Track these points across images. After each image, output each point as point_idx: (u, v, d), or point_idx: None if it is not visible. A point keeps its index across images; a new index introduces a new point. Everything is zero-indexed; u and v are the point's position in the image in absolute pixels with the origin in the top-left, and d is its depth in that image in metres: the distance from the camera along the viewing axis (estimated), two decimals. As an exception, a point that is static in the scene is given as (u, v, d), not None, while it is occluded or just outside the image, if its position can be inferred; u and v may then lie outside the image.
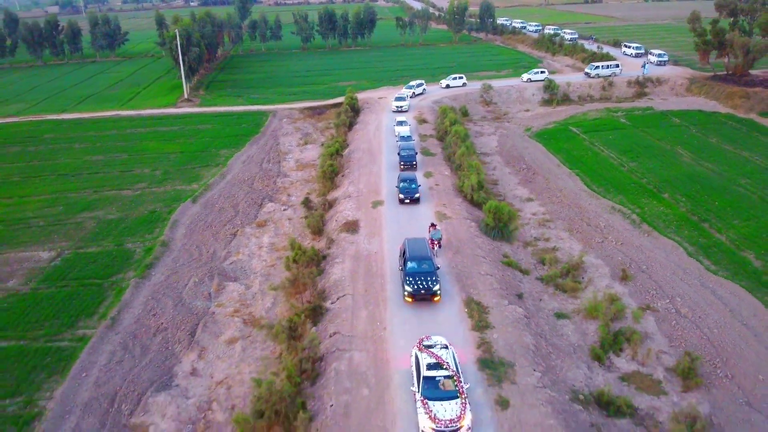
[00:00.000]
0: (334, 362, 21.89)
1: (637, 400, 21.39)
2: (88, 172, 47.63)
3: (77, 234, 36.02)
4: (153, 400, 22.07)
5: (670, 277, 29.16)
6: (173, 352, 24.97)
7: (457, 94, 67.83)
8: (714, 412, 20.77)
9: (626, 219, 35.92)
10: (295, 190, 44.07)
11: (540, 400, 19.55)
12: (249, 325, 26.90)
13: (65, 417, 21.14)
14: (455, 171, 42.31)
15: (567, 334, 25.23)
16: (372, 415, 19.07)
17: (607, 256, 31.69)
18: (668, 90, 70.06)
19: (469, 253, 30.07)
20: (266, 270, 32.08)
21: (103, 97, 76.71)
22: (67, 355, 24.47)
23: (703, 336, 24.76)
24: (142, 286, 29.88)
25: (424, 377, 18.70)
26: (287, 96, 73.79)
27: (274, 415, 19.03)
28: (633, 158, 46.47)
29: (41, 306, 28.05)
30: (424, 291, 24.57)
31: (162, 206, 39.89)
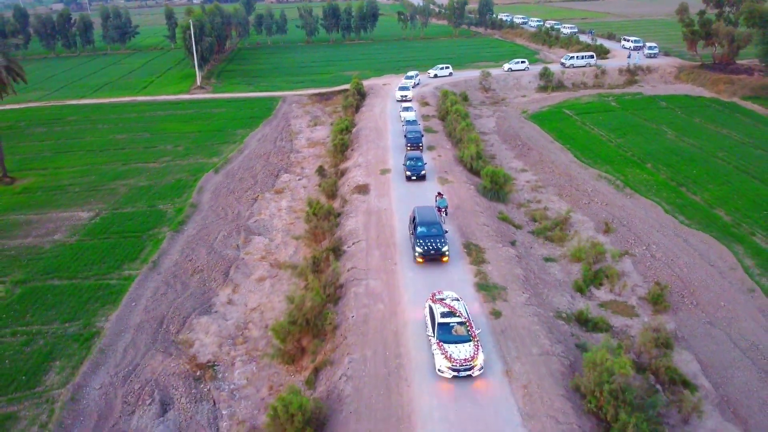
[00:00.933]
0: (353, 287, 25.44)
1: (612, 320, 24.93)
2: (114, 148, 51.15)
3: (112, 198, 39.52)
4: (197, 321, 25.61)
5: (648, 230, 32.72)
6: (210, 288, 28.50)
7: (456, 81, 71.34)
8: (679, 328, 24.32)
9: (611, 185, 39.47)
10: (307, 164, 47.58)
11: (528, 313, 23.10)
12: (275, 267, 30.45)
13: (121, 335, 24.63)
14: (456, 145, 45.85)
15: (554, 273, 28.79)
16: (387, 323, 22.60)
17: (592, 214, 35.26)
18: (658, 78, 73.58)
19: (469, 209, 33.60)
20: (286, 227, 35.62)
21: (118, 85, 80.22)
22: (116, 290, 27.95)
23: (673, 274, 28.31)
24: (177, 238, 33.40)
25: (439, 323, 20.04)
26: (295, 84, 77.28)
27: (305, 323, 22.55)
28: (620, 135, 50.02)
29: (87, 253, 31.55)
30: (433, 252, 26.26)
31: (187, 175, 43.40)
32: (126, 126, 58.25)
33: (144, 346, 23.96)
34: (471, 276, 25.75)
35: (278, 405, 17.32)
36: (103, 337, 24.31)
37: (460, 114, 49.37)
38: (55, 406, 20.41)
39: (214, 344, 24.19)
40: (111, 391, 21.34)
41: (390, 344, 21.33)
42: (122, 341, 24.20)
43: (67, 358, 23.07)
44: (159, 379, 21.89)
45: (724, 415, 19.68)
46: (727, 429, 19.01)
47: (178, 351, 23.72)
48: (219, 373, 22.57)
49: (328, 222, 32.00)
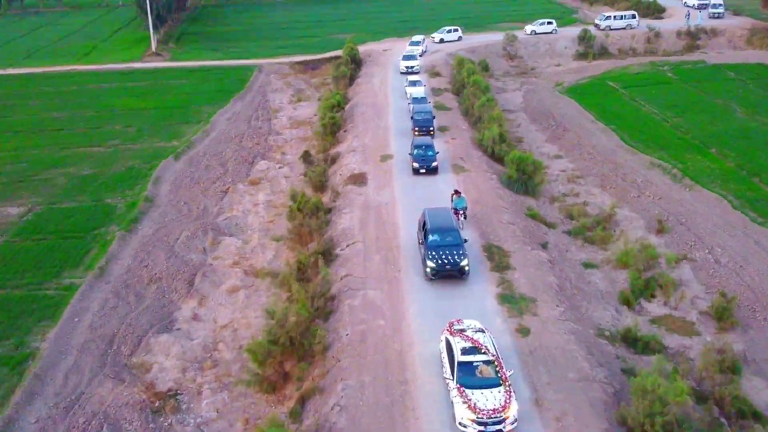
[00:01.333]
0: (348, 300, 25.80)
1: (667, 340, 25.27)
2: (50, 128, 51.62)
3: (47, 190, 39.91)
4: (155, 340, 25.96)
5: (711, 229, 33.07)
6: (171, 300, 28.86)
7: (474, 47, 71.81)
8: (749, 349, 24.66)
9: (666, 174, 39.84)
10: (290, 148, 47.99)
11: (562, 330, 23.46)
12: (251, 276, 30.82)
13: (61, 358, 24.94)
14: (474, 125, 46.25)
15: (594, 282, 29.16)
16: (389, 341, 22.95)
17: (642, 210, 35.64)
18: (725, 42, 74.07)
19: (490, 203, 33.99)
20: (264, 226, 36.02)
21: (53, 51, 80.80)
22: (55, 302, 28.29)
23: (742, 283, 28.64)
24: (129, 239, 33.78)
25: (459, 363, 19.34)
26: (274, 50, 77.78)
27: (289, 342, 22.90)
28: (678, 113, 50.43)
29: (19, 258, 31.91)
30: (449, 266, 25.63)
31: (141, 163, 43.81)
32: (64, 102, 58.78)
33: (90, 371, 24.30)
34: (492, 286, 26.09)
35: (257, 439, 17.68)
36: (39, 360, 24.64)
37: (479, 87, 49.81)
38: (-18, 442, 20.78)
39: (176, 369, 24.52)
40: (50, 427, 21.67)
41: (393, 368, 21.68)
42: (63, 365, 24.53)
43: (-5, 385, 23.41)
44: (109, 412, 22.22)
45: (804, 454, 20.03)
46: (807, 472, 19.37)
47: (132, 377, 24.05)
48: (183, 403, 22.90)
49: (317, 219, 32.38)
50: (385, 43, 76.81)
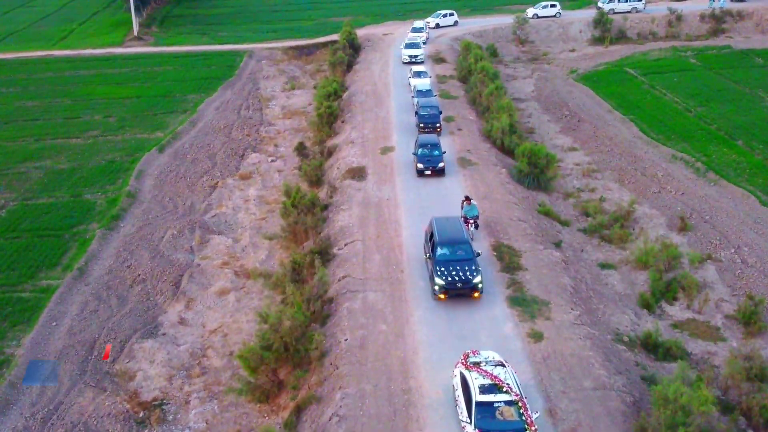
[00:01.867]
0: (346, 302, 25.88)
1: (690, 345, 25.39)
2: (23, 119, 51.68)
3: (21, 185, 39.99)
4: (139, 346, 26.06)
5: (738, 227, 33.18)
6: (156, 303, 28.95)
7: (483, 30, 71.87)
8: (776, 353, 24.79)
9: (689, 168, 39.95)
10: (283, 140, 48.08)
11: (578, 335, 23.55)
12: (242, 277, 30.92)
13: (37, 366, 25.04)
14: (482, 115, 46.32)
15: (612, 284, 29.29)
16: (391, 347, 23.04)
17: (663, 206, 35.74)
18: (752, 26, 74.08)
19: (499, 198, 34.09)
20: (256, 223, 36.11)
21: (27, 36, 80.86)
22: (31, 305, 28.41)
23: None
24: (111, 237, 33.88)
25: (478, 403, 18.33)
26: (265, 34, 77.93)
27: (283, 348, 22.98)
28: (702, 103, 50.49)
29: (-8, 257, 32.02)
30: (461, 284, 24.86)
31: (122, 155, 43.89)
32: (39, 90, 58.85)
33: (69, 379, 24.41)
34: (502, 287, 26.17)
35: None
36: (14, 367, 24.76)
37: (487, 74, 49.86)
38: (-47, 457, 20.88)
39: (161, 377, 24.62)
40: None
41: (395, 375, 21.77)
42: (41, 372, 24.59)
43: (-33, 394, 23.51)
44: (89, 422, 22.32)
45: (837, 468, 20.14)
46: (841, 486, 19.48)
47: (114, 385, 24.16)
48: (169, 414, 22.99)
49: (312, 216, 32.45)
50: (386, 26, 76.88)
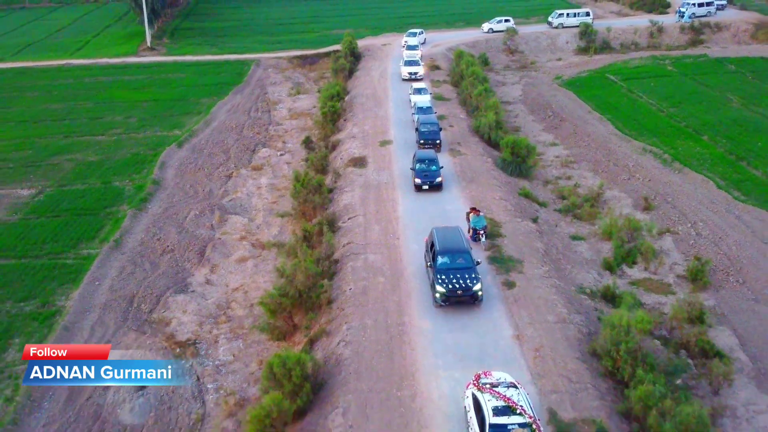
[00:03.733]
0: (350, 262, 30.30)
1: (644, 298, 29.75)
2: (51, 119, 56.25)
3: (56, 174, 44.45)
4: (172, 299, 30.43)
5: (695, 206, 37.69)
6: (184, 268, 33.34)
7: (476, 41, 76.83)
8: (719, 305, 29.16)
9: (657, 159, 44.53)
10: (290, 137, 52.66)
11: (545, 285, 27.96)
12: (258, 248, 35.34)
13: (86, 314, 29.38)
14: (471, 114, 50.97)
15: (580, 251, 33.71)
16: (388, 294, 27.44)
17: (631, 191, 40.27)
18: (730, 37, 79.16)
19: (484, 182, 38.59)
20: (268, 206, 40.57)
21: (45, 46, 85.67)
22: (75, 269, 32.75)
23: (720, 252, 33.18)
24: (140, 216, 38.30)
25: (491, 425, 18.27)
26: (270, 45, 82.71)
27: (298, 296, 27.36)
28: (674, 104, 55.23)
29: (35, 232, 36.38)
30: (461, 291, 25.77)
31: (145, 150, 48.42)
32: (62, 94, 63.42)
33: (114, 324, 28.74)
34: (483, 251, 30.57)
35: (274, 361, 22.09)
36: (65, 314, 29.08)
37: (477, 78, 54.59)
38: (20, 381, 25.06)
39: (193, 323, 28.98)
40: (82, 366, 26.04)
41: (392, 313, 26.16)
42: (88, 320, 28.98)
43: (28, 335, 27.79)
44: (135, 356, 26.61)
45: (760, 387, 24.41)
46: (762, 400, 23.74)
47: (153, 329, 28.50)
48: (201, 350, 27.34)
49: (320, 195, 36.93)
50: (384, 38, 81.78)
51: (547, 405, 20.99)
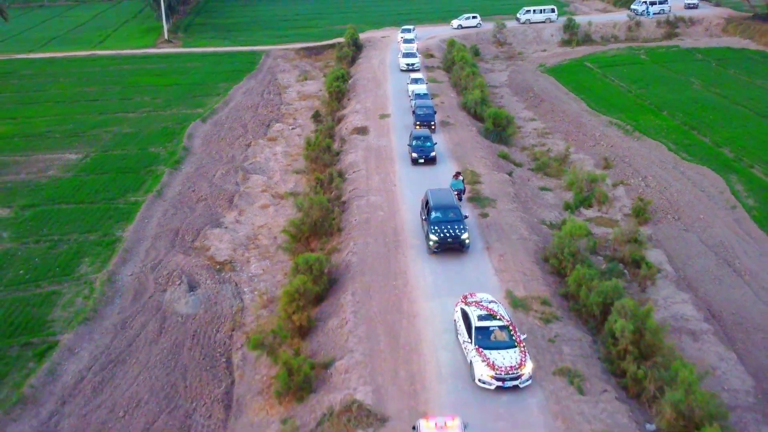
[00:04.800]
0: (355, 201, 37.17)
1: (594, 230, 36.56)
2: (85, 100, 63.13)
3: (97, 143, 51.28)
4: (210, 232, 37.25)
5: (647, 165, 44.54)
6: (217, 212, 40.15)
7: (467, 34, 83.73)
8: (655, 233, 36.01)
9: (620, 130, 51.39)
10: (300, 115, 59.51)
11: (512, 216, 34.82)
12: (277, 198, 42.18)
13: (141, 242, 36.19)
14: (460, 93, 57.86)
15: (547, 198, 40.57)
16: (386, 223, 34.27)
17: (595, 154, 47.13)
18: (702, 31, 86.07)
19: (468, 146, 45.46)
20: (284, 167, 47.41)
21: (69, 39, 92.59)
22: (126, 211, 39.56)
23: (663, 198, 40.04)
24: (176, 174, 45.13)
25: (477, 327, 22.76)
26: (278, 38, 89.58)
27: (313, 225, 34.16)
28: (642, 86, 62.14)
29: (88, 185, 43.20)
30: (451, 239, 30.02)
31: (173, 124, 55.27)
32: (92, 79, 70.30)
33: (164, 249, 35.55)
34: (466, 194, 37.38)
35: (299, 260, 28.90)
36: (124, 242, 35.90)
37: (466, 62, 61.48)
38: (95, 285, 31.89)
39: (228, 249, 35.79)
40: (143, 276, 32.92)
41: (389, 235, 33.00)
42: (143, 246, 35.80)
43: (95, 256, 34.61)
44: (184, 269, 33.45)
45: (678, 287, 31.23)
46: (678, 295, 30.55)
47: (196, 253, 35.32)
48: (237, 267, 34.15)
49: (329, 154, 43.78)
50: (383, 31, 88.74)
51: (505, 288, 27.86)
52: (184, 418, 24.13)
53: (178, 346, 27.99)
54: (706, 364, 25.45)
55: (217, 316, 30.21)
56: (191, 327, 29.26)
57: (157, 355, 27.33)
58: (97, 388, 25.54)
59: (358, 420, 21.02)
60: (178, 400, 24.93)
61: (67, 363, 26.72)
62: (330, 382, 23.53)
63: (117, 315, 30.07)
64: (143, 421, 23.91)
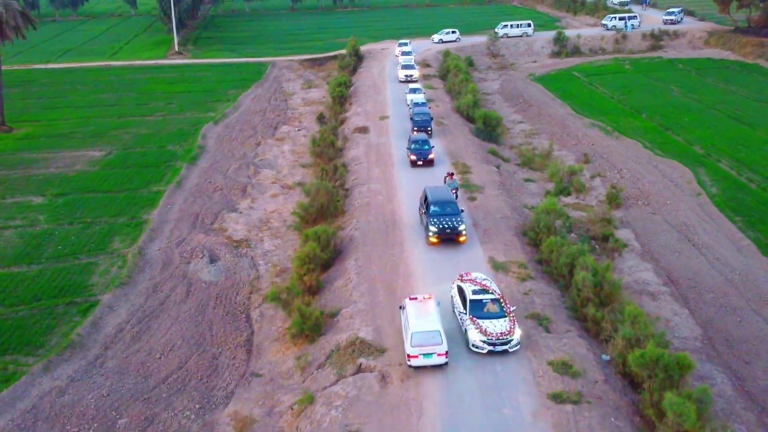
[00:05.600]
0: (357, 188, 41.57)
1: (572, 213, 40.86)
2: (103, 105, 67.71)
3: (118, 142, 55.74)
4: (227, 215, 41.57)
5: (623, 160, 48.98)
6: (232, 200, 44.49)
7: (462, 47, 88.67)
8: (625, 216, 40.34)
9: (601, 130, 55.92)
10: (305, 119, 64.09)
11: (498, 200, 39.19)
12: (286, 188, 46.56)
13: (165, 224, 40.48)
14: (454, 98, 62.47)
15: (530, 188, 44.96)
16: (385, 205, 38.64)
17: (576, 151, 51.61)
18: (686, 43, 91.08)
19: (461, 144, 49.92)
20: (291, 163, 51.84)
21: (84, 51, 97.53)
22: (150, 198, 43.88)
23: (635, 188, 44.41)
24: (193, 168, 49.53)
25: (471, 300, 25.45)
26: (282, 51, 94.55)
27: (320, 208, 38.48)
28: (625, 93, 66.82)
29: (113, 178, 47.57)
30: (449, 230, 32.54)
31: (187, 126, 59.79)
32: (108, 87, 74.99)
33: (187, 229, 39.83)
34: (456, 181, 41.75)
35: (309, 232, 33.21)
36: (150, 223, 40.18)
37: (459, 69, 66.16)
38: (127, 258, 36.14)
39: (243, 230, 40.09)
40: (169, 251, 37.17)
41: (387, 215, 37.34)
42: (168, 227, 40.09)
43: (125, 235, 38.88)
44: (205, 245, 37.70)
45: (643, 259, 35.50)
46: (642, 265, 34.82)
47: (215, 233, 39.60)
48: (252, 244, 38.43)
49: (333, 149, 48.22)
50: (383, 44, 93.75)
51: (488, 255, 32.16)
52: (212, 359, 28.30)
53: (204, 305, 32.21)
54: (662, 318, 29.73)
55: (236, 282, 34.45)
56: (214, 291, 33.51)
57: (186, 312, 31.55)
58: (136, 336, 29.73)
59: (360, 351, 25.22)
60: (206, 346, 29.11)
61: (108, 317, 30.91)
62: (337, 327, 27.76)
63: (148, 281, 34.30)
64: (177, 361, 28.06)
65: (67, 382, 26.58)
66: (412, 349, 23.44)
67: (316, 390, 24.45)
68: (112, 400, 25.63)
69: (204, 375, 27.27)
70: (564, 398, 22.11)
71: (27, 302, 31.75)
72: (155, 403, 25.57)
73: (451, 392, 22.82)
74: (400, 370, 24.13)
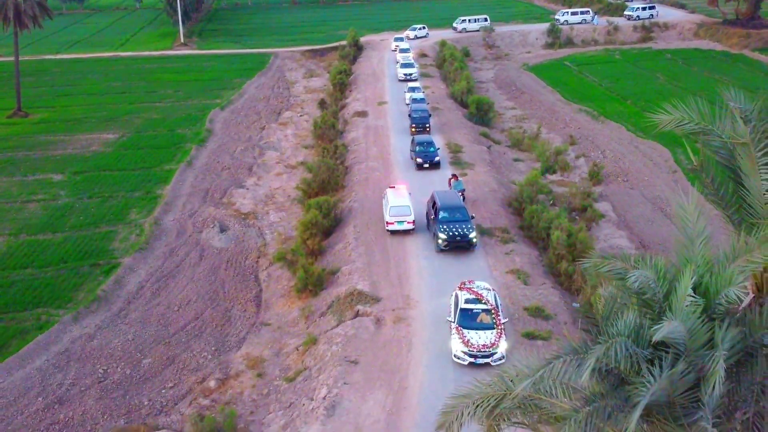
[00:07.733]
0: (356, 166, 44.70)
1: (555, 189, 43.97)
2: (113, 92, 70.76)
3: (130, 126, 58.82)
4: (235, 191, 44.69)
5: (607, 142, 52.04)
6: (239, 178, 47.60)
7: (458, 38, 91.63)
8: (605, 191, 43.44)
9: (588, 115, 58.95)
10: (307, 105, 67.09)
11: (487, 175, 42.29)
12: (290, 168, 49.66)
13: (177, 198, 43.59)
14: (450, 85, 65.51)
15: (518, 167, 48.03)
16: (382, 180, 41.72)
17: (563, 133, 54.65)
18: (675, 35, 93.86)
19: (454, 127, 52.99)
20: (294, 145, 54.93)
21: (92, 43, 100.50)
22: (163, 176, 46.98)
23: (617, 166, 47.48)
24: (202, 149, 52.62)
25: (461, 309, 24.63)
26: (285, 42, 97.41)
27: (321, 183, 41.56)
28: (612, 81, 69.77)
29: (127, 158, 50.71)
30: (459, 238, 31.21)
31: (195, 111, 62.85)
32: (118, 76, 78.02)
33: (198, 203, 42.96)
34: (448, 160, 44.82)
35: (312, 203, 36.33)
36: (164, 197, 43.30)
37: (455, 58, 69.16)
38: (144, 227, 39.26)
39: (250, 204, 43.20)
40: (182, 221, 40.31)
41: (384, 187, 40.38)
42: (180, 201, 43.22)
43: (141, 207, 42.01)
44: (216, 217, 40.82)
45: (618, 228, 38.59)
46: (617, 232, 37.91)
47: (224, 206, 42.72)
48: (258, 216, 41.54)
49: (333, 130, 51.30)
50: (382, 35, 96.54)
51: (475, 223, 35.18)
52: (225, 311, 31.48)
53: (216, 268, 35.36)
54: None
55: (245, 249, 37.62)
56: (225, 255, 36.66)
57: (200, 273, 34.70)
58: (155, 293, 32.89)
59: (358, 300, 28.37)
60: (219, 301, 32.28)
61: (129, 277, 34.07)
62: (337, 282, 30.93)
63: (165, 247, 37.44)
64: (193, 313, 31.22)
65: (95, 330, 29.76)
66: (391, 218, 33.44)
67: (319, 333, 27.63)
68: (137, 343, 28.82)
69: (218, 324, 30.45)
70: (535, 336, 25.26)
71: (54, 264, 34.95)
72: (176, 346, 28.77)
73: (438, 331, 25.95)
74: (393, 314, 27.28)
